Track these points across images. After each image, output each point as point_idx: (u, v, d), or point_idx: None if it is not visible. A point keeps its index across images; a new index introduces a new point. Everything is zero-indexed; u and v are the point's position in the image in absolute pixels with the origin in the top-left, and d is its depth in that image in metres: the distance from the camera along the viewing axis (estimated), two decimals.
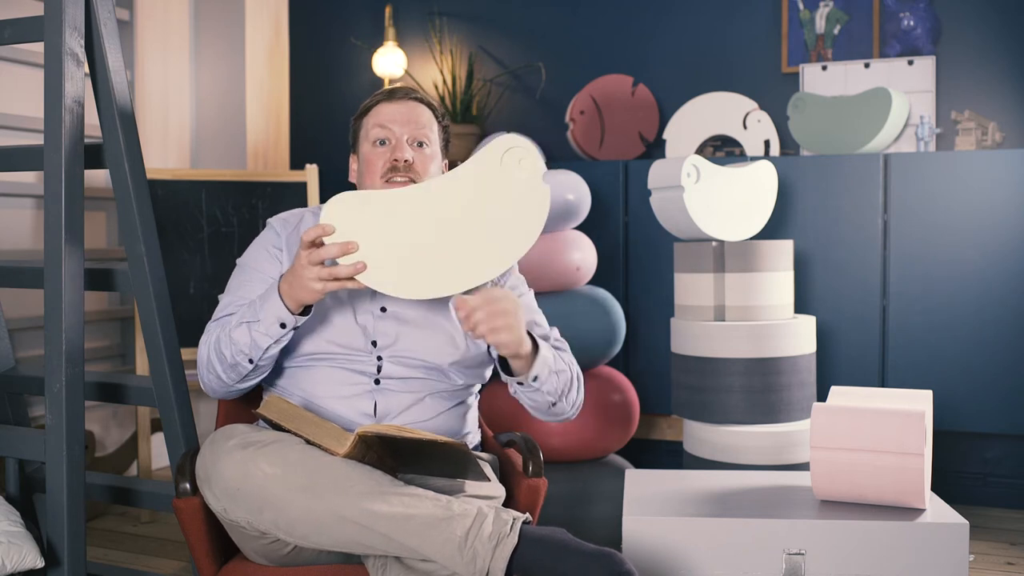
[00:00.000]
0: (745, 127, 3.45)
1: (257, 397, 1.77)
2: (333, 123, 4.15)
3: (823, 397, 2.88)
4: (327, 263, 1.52)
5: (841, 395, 2.13)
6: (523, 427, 2.63)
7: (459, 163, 1.60)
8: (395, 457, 1.51)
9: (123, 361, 3.46)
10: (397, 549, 1.41)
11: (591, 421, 2.73)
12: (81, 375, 1.78)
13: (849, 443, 1.94)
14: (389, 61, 3.86)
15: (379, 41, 3.98)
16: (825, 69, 3.33)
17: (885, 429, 1.92)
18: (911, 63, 3.21)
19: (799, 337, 2.66)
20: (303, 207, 3.11)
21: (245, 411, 1.78)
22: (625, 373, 3.20)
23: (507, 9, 3.92)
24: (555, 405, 1.67)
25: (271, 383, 1.71)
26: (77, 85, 1.81)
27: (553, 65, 3.84)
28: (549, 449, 2.70)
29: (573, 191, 2.80)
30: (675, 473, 2.28)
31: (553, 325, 1.78)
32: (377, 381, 1.64)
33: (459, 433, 1.71)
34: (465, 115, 3.84)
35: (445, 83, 3.89)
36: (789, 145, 3.44)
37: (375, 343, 1.65)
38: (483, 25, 3.96)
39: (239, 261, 1.75)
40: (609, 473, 2.76)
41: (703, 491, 2.09)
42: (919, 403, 2.02)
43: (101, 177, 3.29)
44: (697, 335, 2.67)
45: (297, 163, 4.10)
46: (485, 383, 1.79)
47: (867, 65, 3.27)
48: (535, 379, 1.60)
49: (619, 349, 2.93)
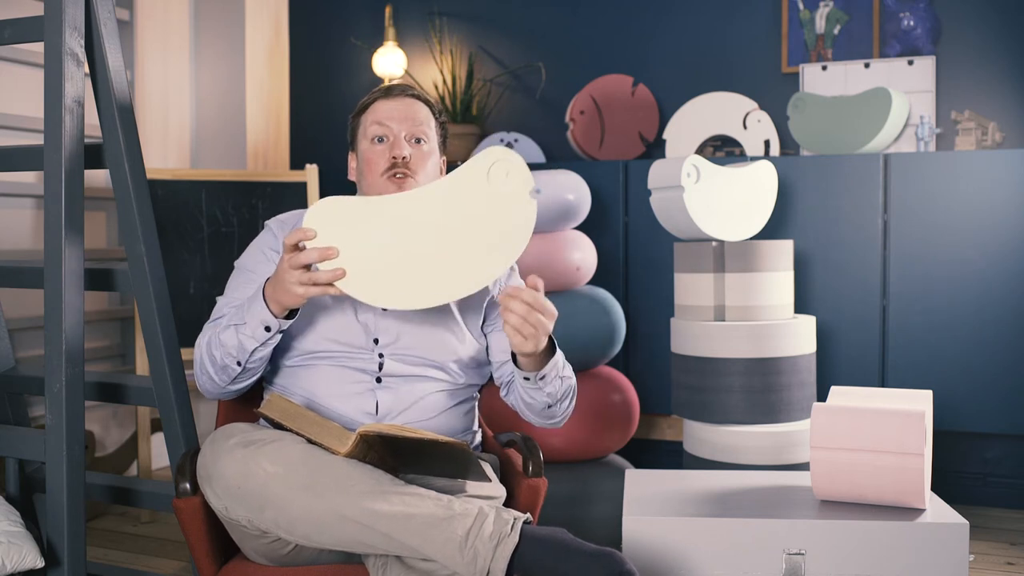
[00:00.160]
0: (745, 127, 3.45)
1: (258, 396, 1.77)
2: (333, 123, 4.15)
3: (823, 397, 2.88)
4: (312, 267, 1.51)
5: (841, 395, 2.13)
6: (523, 427, 2.63)
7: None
8: (396, 457, 1.51)
9: (123, 361, 3.46)
10: (398, 548, 1.41)
11: (591, 421, 2.73)
12: (81, 375, 1.78)
13: (849, 443, 1.94)
14: (389, 61, 3.86)
15: (379, 41, 3.98)
16: (825, 69, 3.33)
17: (885, 429, 1.92)
18: (911, 63, 3.21)
19: (799, 337, 2.66)
20: (303, 208, 3.10)
21: (245, 411, 1.78)
22: (625, 373, 3.20)
23: (507, 9, 3.92)
24: (550, 408, 1.67)
25: (272, 382, 1.71)
26: (77, 85, 1.81)
27: (553, 65, 3.84)
28: (549, 449, 2.71)
29: (573, 191, 2.80)
30: (675, 473, 2.28)
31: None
32: (379, 379, 1.64)
33: (461, 432, 1.71)
34: (465, 115, 3.84)
35: (445, 83, 3.89)
36: (789, 145, 3.44)
37: (377, 341, 1.65)
38: (483, 25, 3.96)
39: (236, 263, 1.75)
40: (609, 473, 2.76)
41: (703, 491, 2.09)
42: (919, 403, 2.02)
43: (101, 177, 3.29)
44: (697, 335, 2.67)
45: (297, 163, 4.10)
46: (485, 382, 1.79)
47: (867, 65, 3.27)
48: (542, 378, 1.60)
49: (619, 349, 2.93)
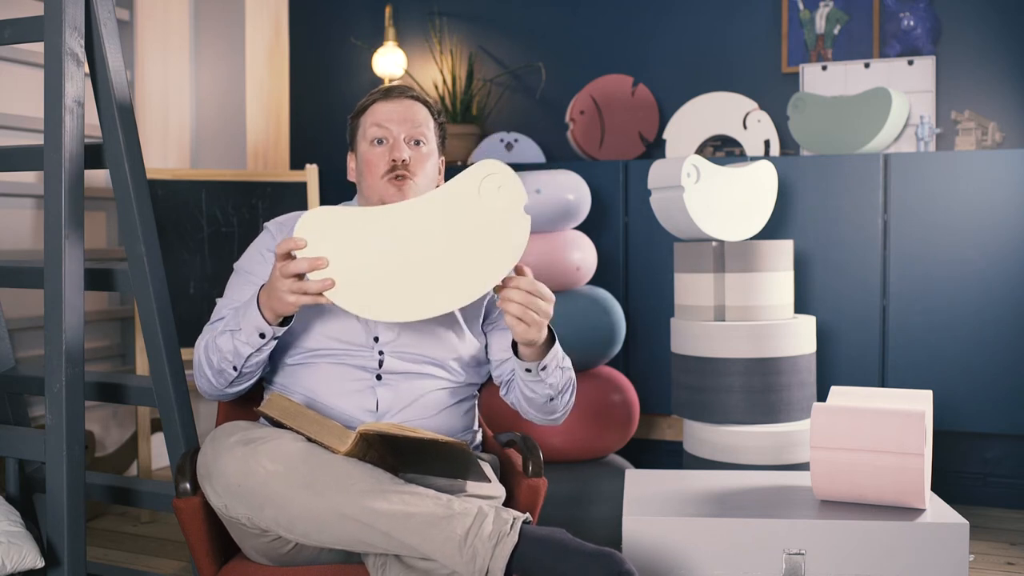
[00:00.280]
0: (745, 127, 3.45)
1: (258, 395, 1.77)
2: (333, 123, 4.15)
3: (823, 397, 2.88)
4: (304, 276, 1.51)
5: (841, 395, 2.13)
6: (523, 427, 2.63)
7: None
8: (396, 456, 1.51)
9: (123, 361, 3.46)
10: (397, 547, 1.41)
11: (591, 421, 2.73)
12: (81, 375, 1.78)
13: (849, 443, 1.94)
14: (389, 61, 3.86)
15: (379, 41, 3.98)
16: (825, 69, 3.33)
17: (885, 429, 1.92)
18: (911, 63, 3.21)
19: (799, 337, 2.66)
20: (303, 209, 3.11)
21: (246, 410, 1.78)
22: (625, 373, 3.20)
23: (507, 9, 3.92)
24: (552, 401, 1.66)
25: (273, 380, 1.72)
26: (77, 85, 1.81)
27: (553, 65, 3.84)
28: (549, 449, 2.70)
29: (573, 191, 2.80)
30: (675, 473, 2.28)
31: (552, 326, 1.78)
32: (379, 376, 1.64)
33: (460, 432, 1.71)
34: (465, 115, 3.84)
35: (445, 83, 3.89)
36: (789, 145, 3.44)
37: (377, 339, 1.65)
38: (483, 25, 3.96)
39: (236, 265, 1.75)
40: (609, 473, 2.76)
41: (703, 491, 2.09)
42: (919, 403, 2.02)
43: (101, 177, 3.29)
44: (697, 335, 2.67)
45: (297, 163, 4.10)
46: (484, 382, 1.79)
47: (867, 65, 3.27)
48: (543, 368, 1.59)
49: (619, 349, 2.93)
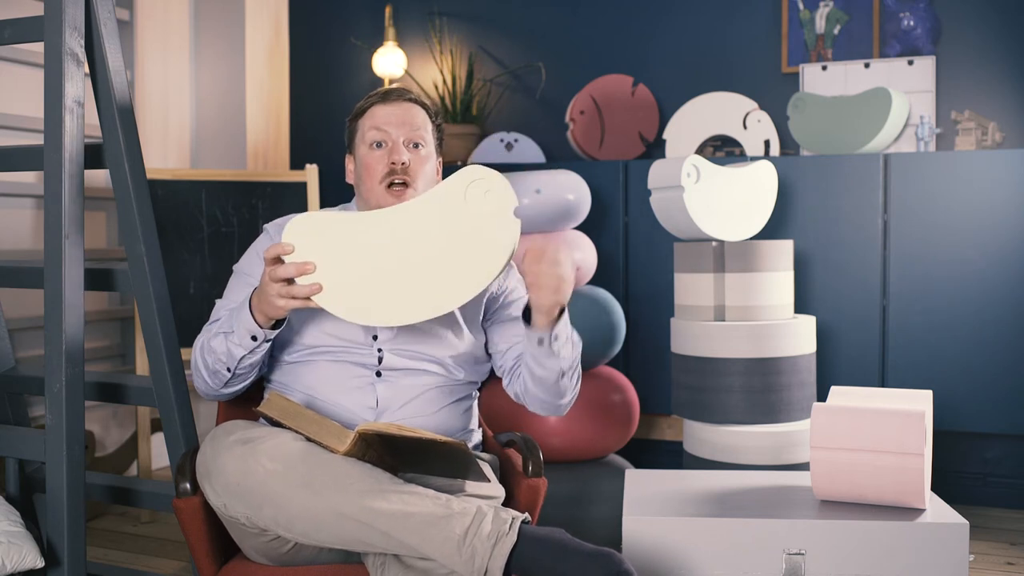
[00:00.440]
0: (745, 127, 3.45)
1: (258, 395, 1.77)
2: (333, 123, 4.15)
3: (823, 397, 2.88)
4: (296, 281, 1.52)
5: (841, 395, 2.13)
6: (523, 427, 2.63)
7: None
8: (395, 456, 1.51)
9: (123, 361, 3.46)
10: (396, 547, 1.41)
11: (591, 421, 2.73)
12: (81, 375, 1.78)
13: (849, 443, 1.94)
14: (389, 61, 3.86)
15: (379, 41, 3.98)
16: (825, 69, 3.33)
17: (885, 429, 1.92)
18: (911, 63, 3.21)
19: (799, 337, 2.66)
20: (303, 210, 3.11)
21: (245, 409, 1.78)
22: (625, 373, 3.20)
23: (507, 9, 3.92)
24: (562, 379, 1.64)
25: (272, 379, 1.72)
26: (77, 85, 1.81)
27: (553, 65, 3.84)
28: (549, 449, 2.70)
29: (573, 191, 2.80)
30: (675, 473, 2.28)
31: None
32: (379, 373, 1.65)
33: (460, 431, 1.72)
34: (465, 115, 3.83)
35: (445, 83, 3.89)
36: (789, 145, 3.44)
37: (376, 336, 1.66)
38: (483, 25, 3.96)
39: (235, 267, 1.76)
40: (609, 473, 2.76)
41: (703, 491, 2.09)
42: (919, 403, 2.02)
43: (101, 177, 3.29)
44: (697, 335, 2.67)
45: (297, 163, 4.10)
46: (483, 380, 1.79)
47: (867, 65, 3.27)
48: (556, 338, 1.58)
49: (619, 349, 2.93)
